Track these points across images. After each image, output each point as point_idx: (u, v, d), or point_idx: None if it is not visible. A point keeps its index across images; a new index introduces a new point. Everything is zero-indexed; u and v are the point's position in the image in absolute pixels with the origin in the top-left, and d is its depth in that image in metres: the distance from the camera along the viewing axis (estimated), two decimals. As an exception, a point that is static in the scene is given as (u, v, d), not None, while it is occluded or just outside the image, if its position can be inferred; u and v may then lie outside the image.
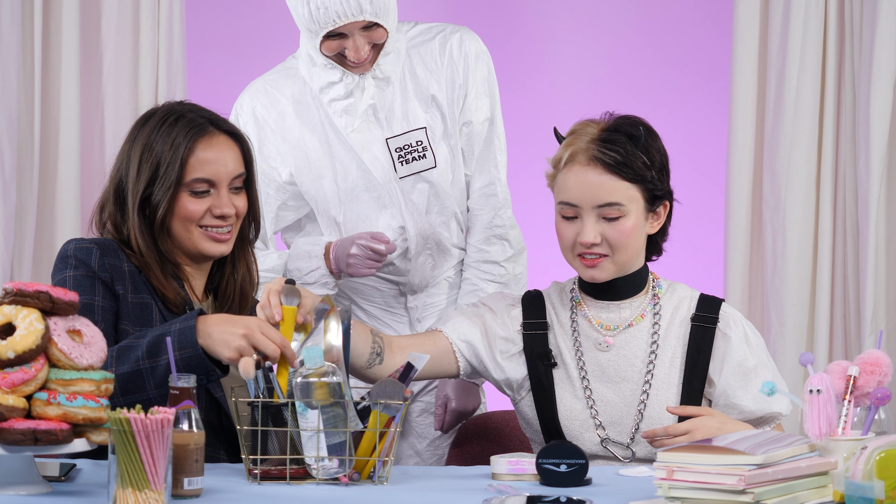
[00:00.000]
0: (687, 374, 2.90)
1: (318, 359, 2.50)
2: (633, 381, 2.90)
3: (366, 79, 3.30)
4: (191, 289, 2.86)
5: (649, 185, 2.87)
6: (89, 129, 3.94)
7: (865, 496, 2.20)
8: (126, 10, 3.93)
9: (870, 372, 2.46)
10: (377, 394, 2.52)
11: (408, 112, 3.35)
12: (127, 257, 2.80)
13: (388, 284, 3.43)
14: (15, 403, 2.30)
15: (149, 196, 2.79)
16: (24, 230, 3.85)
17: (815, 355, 3.93)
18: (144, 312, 2.78)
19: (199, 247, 2.81)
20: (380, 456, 2.50)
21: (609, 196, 2.85)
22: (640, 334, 2.93)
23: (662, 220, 2.93)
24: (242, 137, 2.86)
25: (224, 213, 2.80)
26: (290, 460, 2.49)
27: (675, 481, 2.27)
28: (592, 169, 2.85)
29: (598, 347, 2.92)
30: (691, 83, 4.69)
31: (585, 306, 2.95)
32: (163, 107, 2.87)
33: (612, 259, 2.87)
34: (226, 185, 2.81)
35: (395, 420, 2.51)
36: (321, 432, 2.46)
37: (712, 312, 2.94)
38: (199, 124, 2.81)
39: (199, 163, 2.79)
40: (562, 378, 2.92)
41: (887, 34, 3.89)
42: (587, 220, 2.85)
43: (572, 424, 2.89)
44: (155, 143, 2.79)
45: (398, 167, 3.34)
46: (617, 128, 2.88)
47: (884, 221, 3.95)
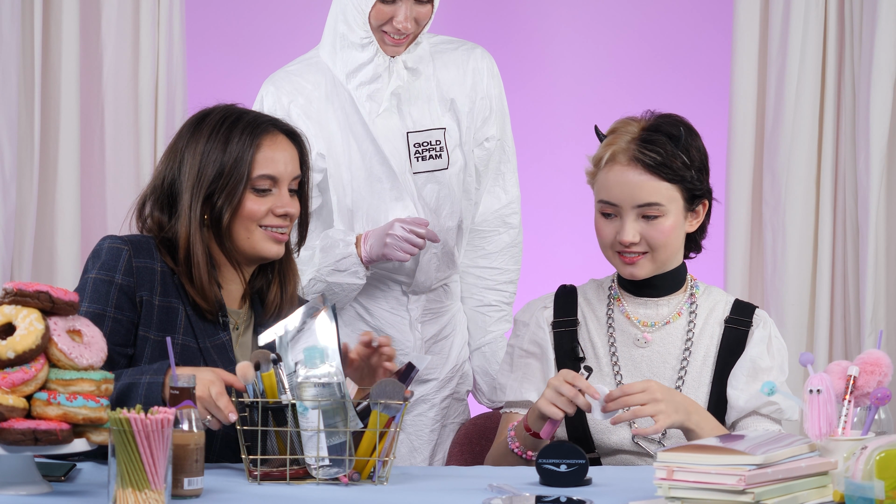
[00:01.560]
0: (717, 374, 2.92)
1: (318, 358, 2.50)
2: (666, 377, 2.91)
3: (395, 63, 3.31)
4: (226, 294, 2.84)
5: (689, 184, 2.88)
6: (89, 129, 3.94)
7: (865, 496, 2.20)
8: (126, 10, 3.92)
9: (870, 372, 2.46)
10: (377, 394, 2.51)
11: (430, 110, 3.37)
12: (161, 258, 2.78)
13: (394, 283, 3.42)
14: (15, 403, 2.30)
15: (210, 195, 2.77)
16: (24, 230, 3.85)
17: (815, 355, 3.93)
18: (170, 316, 2.76)
19: (258, 247, 2.79)
20: (380, 456, 2.49)
21: (649, 196, 2.86)
22: (676, 332, 2.94)
23: (701, 219, 2.95)
24: (300, 139, 2.85)
25: (287, 211, 2.78)
26: (290, 460, 2.48)
27: (675, 481, 2.27)
28: (633, 169, 2.87)
29: (636, 343, 2.94)
30: (691, 83, 4.69)
31: (624, 302, 2.97)
32: (217, 108, 2.84)
33: (651, 257, 2.89)
34: (286, 184, 2.80)
35: (395, 420, 2.50)
36: (321, 432, 2.46)
37: (746, 316, 2.96)
38: (261, 123, 2.81)
39: (265, 160, 2.78)
40: (593, 374, 2.92)
41: (887, 34, 3.89)
42: (627, 219, 2.87)
43: (601, 420, 2.89)
44: (216, 142, 2.77)
45: (414, 162, 3.35)
46: (657, 127, 2.89)
47: (884, 221, 3.95)
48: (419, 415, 3.47)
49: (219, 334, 2.78)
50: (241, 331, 2.84)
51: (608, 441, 2.90)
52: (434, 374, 3.47)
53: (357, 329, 3.39)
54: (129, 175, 3.94)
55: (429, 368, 3.45)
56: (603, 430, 2.90)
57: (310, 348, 2.50)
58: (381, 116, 3.35)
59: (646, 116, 2.94)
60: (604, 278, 3.04)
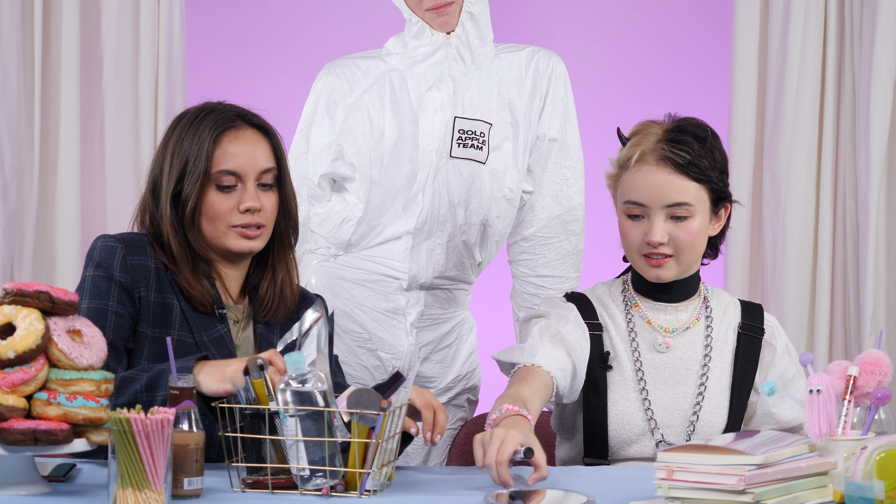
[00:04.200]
0: (736, 382, 2.93)
1: (302, 365, 2.43)
2: (689, 383, 2.91)
3: (450, 42, 3.32)
4: (224, 288, 2.83)
5: (715, 185, 2.88)
6: (89, 129, 3.94)
7: (865, 496, 2.20)
8: (126, 10, 3.93)
9: (870, 372, 2.47)
10: (352, 404, 2.43)
11: (482, 103, 3.36)
12: (154, 254, 2.78)
13: (391, 279, 3.39)
14: (15, 403, 2.30)
15: (179, 191, 2.77)
16: (24, 230, 3.85)
17: (815, 355, 3.93)
18: (165, 312, 2.76)
19: (227, 244, 2.78)
20: (362, 467, 2.41)
21: (679, 196, 2.85)
22: (696, 337, 2.94)
23: (723, 222, 2.95)
24: (272, 132, 2.84)
25: (250, 206, 2.76)
26: (276, 470, 2.44)
27: (675, 481, 2.27)
28: (662, 168, 2.86)
29: (658, 349, 2.93)
30: (691, 83, 4.69)
31: (642, 307, 2.96)
32: (196, 106, 2.85)
33: (677, 259, 2.88)
34: (253, 178, 2.78)
35: (375, 431, 2.42)
36: (300, 441, 2.40)
37: (757, 322, 2.97)
38: (228, 118, 2.80)
39: (226, 155, 2.77)
40: (615, 381, 2.91)
41: (887, 34, 3.89)
42: (655, 219, 2.86)
43: (623, 429, 2.88)
44: (185, 138, 2.78)
45: (455, 147, 3.34)
46: (682, 128, 2.89)
47: (884, 221, 3.96)
48: None
49: (216, 327, 2.78)
50: (242, 325, 2.84)
51: (628, 452, 2.89)
52: (435, 382, 3.44)
53: (347, 330, 3.38)
54: (129, 175, 3.94)
55: (431, 376, 3.43)
56: (624, 442, 2.88)
57: (293, 354, 2.44)
58: (432, 93, 3.34)
59: (666, 119, 2.93)
60: (611, 282, 3.02)
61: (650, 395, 2.90)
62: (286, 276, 2.86)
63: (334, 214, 3.41)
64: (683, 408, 2.90)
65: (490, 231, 3.40)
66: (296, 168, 3.43)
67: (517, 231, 3.47)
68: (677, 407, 2.90)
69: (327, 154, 3.39)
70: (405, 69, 3.36)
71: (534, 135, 3.40)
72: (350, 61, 3.42)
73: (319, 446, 2.41)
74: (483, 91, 3.36)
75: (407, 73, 3.36)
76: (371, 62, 3.40)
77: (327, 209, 3.42)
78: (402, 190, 3.34)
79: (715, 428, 2.89)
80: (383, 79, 3.38)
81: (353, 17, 4.62)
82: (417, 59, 3.35)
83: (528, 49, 3.43)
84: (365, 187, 3.36)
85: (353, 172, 3.37)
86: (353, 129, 3.36)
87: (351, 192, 3.39)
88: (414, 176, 3.33)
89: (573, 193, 3.45)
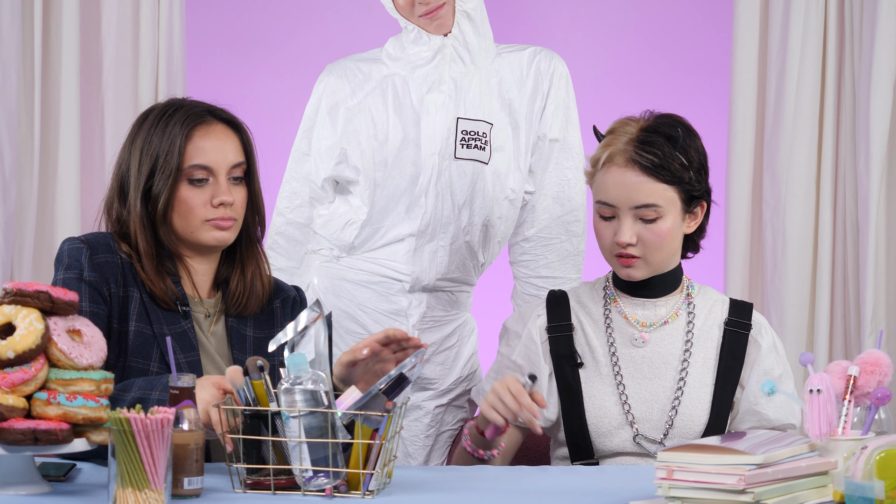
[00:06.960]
0: (720, 377, 2.93)
1: (303, 366, 2.43)
2: (668, 377, 2.92)
3: (447, 45, 3.32)
4: (193, 284, 2.85)
5: (687, 186, 2.88)
6: (89, 129, 3.94)
7: (865, 496, 2.20)
8: (126, 10, 3.92)
9: (870, 372, 2.47)
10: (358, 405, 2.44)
11: (484, 103, 3.35)
12: (120, 248, 2.80)
13: (394, 281, 3.39)
14: (15, 403, 2.30)
15: (150, 188, 2.79)
16: (24, 230, 3.85)
17: (815, 355, 3.93)
18: (124, 304, 2.78)
19: (200, 238, 2.80)
20: (365, 468, 2.41)
21: (646, 198, 2.86)
22: (675, 332, 2.95)
23: (700, 220, 2.95)
24: (242, 127, 2.86)
25: (223, 200, 2.79)
26: (276, 470, 2.43)
27: (675, 481, 2.27)
28: (630, 170, 2.86)
29: (634, 343, 2.94)
30: (691, 83, 4.69)
31: (621, 303, 2.97)
32: (162, 102, 2.89)
33: (646, 259, 2.89)
34: (224, 173, 2.81)
35: (380, 432, 2.42)
36: (303, 442, 2.40)
37: (745, 318, 2.97)
38: (197, 113, 2.82)
39: (197, 150, 2.80)
40: (591, 377, 2.92)
41: (887, 34, 3.89)
42: (624, 220, 2.87)
43: (601, 422, 2.89)
44: (154, 135, 2.80)
45: (459, 148, 3.34)
46: (655, 128, 2.88)
47: (884, 221, 3.95)
48: (414, 420, 3.44)
49: (179, 323, 2.80)
50: (214, 319, 2.85)
51: (609, 445, 2.90)
52: (436, 384, 3.44)
53: (350, 331, 3.38)
54: (129, 175, 3.94)
55: (432, 378, 3.43)
56: (604, 435, 2.90)
57: (294, 355, 2.43)
58: (432, 95, 3.34)
59: (644, 116, 2.93)
60: (596, 280, 3.04)
61: (627, 390, 2.91)
62: (256, 269, 2.89)
63: (338, 217, 3.41)
64: (662, 401, 2.91)
65: (492, 232, 3.40)
66: (298, 169, 3.44)
67: (518, 232, 3.47)
68: (656, 401, 2.90)
69: (329, 156, 3.39)
70: (406, 74, 3.37)
71: (535, 135, 3.40)
72: (352, 63, 3.42)
73: (322, 446, 2.41)
74: (484, 91, 3.36)
75: (408, 77, 3.36)
76: (373, 66, 3.40)
77: (331, 211, 3.42)
78: (405, 192, 3.34)
79: (695, 422, 2.90)
80: (385, 82, 3.38)
81: (353, 17, 4.62)
82: (418, 64, 3.35)
83: (531, 49, 3.43)
84: (369, 190, 3.36)
85: (357, 175, 3.37)
86: (357, 132, 3.36)
87: (355, 194, 3.39)
88: (417, 178, 3.33)
89: (574, 194, 3.44)
